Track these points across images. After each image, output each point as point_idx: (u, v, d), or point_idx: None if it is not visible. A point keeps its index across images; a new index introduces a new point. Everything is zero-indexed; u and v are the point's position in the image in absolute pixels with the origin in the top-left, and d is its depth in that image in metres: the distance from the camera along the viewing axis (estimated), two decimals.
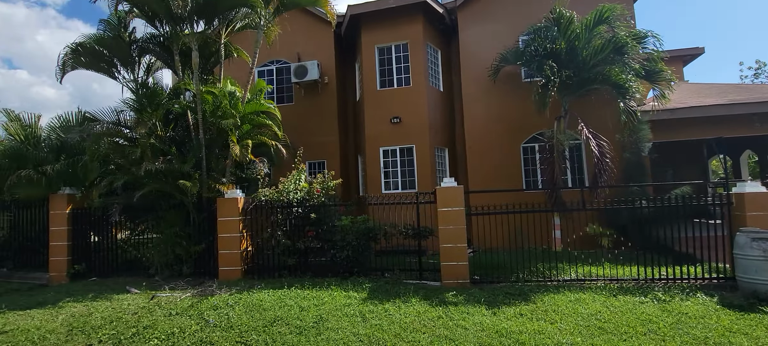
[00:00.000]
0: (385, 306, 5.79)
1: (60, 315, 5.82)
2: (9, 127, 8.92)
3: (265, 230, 8.01)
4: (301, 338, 4.81)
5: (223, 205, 7.96)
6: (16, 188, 8.26)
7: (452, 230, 7.14)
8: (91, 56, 8.58)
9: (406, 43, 11.16)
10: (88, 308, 6.14)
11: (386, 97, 11.20)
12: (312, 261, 8.09)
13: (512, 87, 10.98)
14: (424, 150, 10.82)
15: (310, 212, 7.70)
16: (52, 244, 8.69)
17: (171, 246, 8.01)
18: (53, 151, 8.71)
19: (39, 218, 8.97)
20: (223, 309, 5.75)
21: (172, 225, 8.03)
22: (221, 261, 7.93)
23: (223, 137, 8.44)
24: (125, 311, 5.89)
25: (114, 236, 8.80)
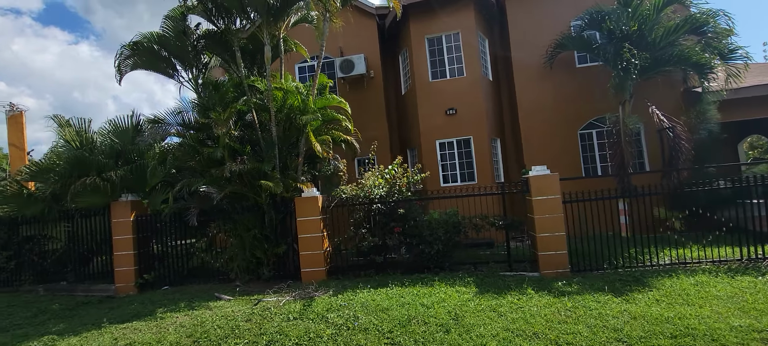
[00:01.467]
0: (507, 300, 5.63)
1: (169, 327, 5.51)
2: (65, 132, 8.46)
3: (348, 228, 7.77)
4: (453, 335, 4.62)
5: (302, 204, 7.69)
6: (80, 196, 7.85)
7: (549, 219, 7.00)
8: (149, 55, 8.20)
9: (458, 33, 10.95)
10: (192, 317, 5.84)
11: (439, 88, 10.99)
12: (393, 258, 7.89)
13: (566, 73, 10.87)
14: (482, 141, 10.65)
15: (396, 207, 7.47)
16: (117, 254, 8.30)
17: (250, 249, 7.71)
18: (112, 157, 8.30)
19: (100, 227, 8.55)
20: (342, 311, 5.52)
21: (250, 228, 7.73)
22: (303, 262, 7.67)
23: (294, 134, 8.15)
24: (236, 318, 5.60)
25: (182, 243, 8.45)
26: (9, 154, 11.79)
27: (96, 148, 8.50)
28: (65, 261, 8.85)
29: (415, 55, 11.10)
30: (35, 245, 8.89)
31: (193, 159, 7.66)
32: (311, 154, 8.32)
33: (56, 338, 5.47)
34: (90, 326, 5.89)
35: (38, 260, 8.86)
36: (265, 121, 8.37)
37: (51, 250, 8.81)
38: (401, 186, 7.56)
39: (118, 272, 8.29)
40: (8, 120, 11.89)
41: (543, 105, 10.93)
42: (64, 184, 7.87)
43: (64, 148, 8.72)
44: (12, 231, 8.89)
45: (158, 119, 7.96)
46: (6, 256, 8.82)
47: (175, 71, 8.55)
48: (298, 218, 7.72)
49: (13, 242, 8.87)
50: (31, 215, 8.61)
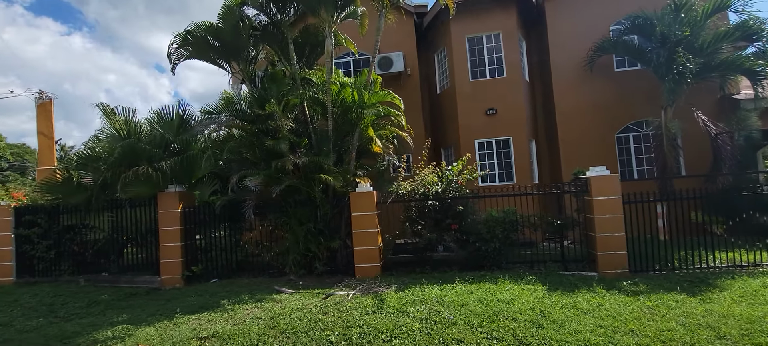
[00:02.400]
0: (583, 297, 5.65)
1: (244, 318, 5.43)
2: (114, 121, 8.32)
3: (403, 224, 7.75)
4: (548, 331, 4.61)
5: (357, 199, 7.65)
6: (130, 185, 7.72)
7: (609, 219, 7.05)
8: (202, 45, 8.11)
9: (499, 34, 11.00)
10: (263, 309, 5.77)
11: (479, 88, 11.03)
12: (446, 255, 7.90)
13: (604, 77, 10.96)
14: (521, 142, 10.70)
15: (454, 204, 7.47)
16: (163, 245, 8.18)
17: (303, 243, 7.64)
18: (161, 147, 8.17)
19: (145, 217, 8.42)
20: (418, 306, 5.49)
21: (304, 222, 7.66)
22: (357, 258, 7.63)
23: (347, 129, 8.11)
24: (310, 311, 5.55)
25: (229, 236, 8.35)
26: (38, 142, 11.58)
27: (143, 138, 8.35)
28: (106, 252, 8.70)
29: (455, 54, 11.12)
30: (76, 235, 8.72)
31: (249, 151, 7.58)
32: (363, 149, 8.29)
33: (131, 328, 5.37)
34: (159, 317, 5.78)
35: (79, 250, 8.69)
36: (315, 115, 8.32)
37: (92, 240, 8.64)
38: (459, 183, 7.55)
39: (164, 263, 8.17)
40: (37, 108, 11.68)
41: (580, 108, 11.01)
42: (115, 173, 7.73)
43: (108, 136, 8.56)
44: (52, 220, 8.71)
45: (210, 110, 7.86)
46: (46, 245, 8.64)
47: (226, 62, 8.45)
48: (353, 213, 7.67)
49: (53, 232, 8.70)
50: (75, 204, 8.45)
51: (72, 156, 8.20)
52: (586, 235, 7.48)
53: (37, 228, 8.63)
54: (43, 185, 8.10)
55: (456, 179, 7.57)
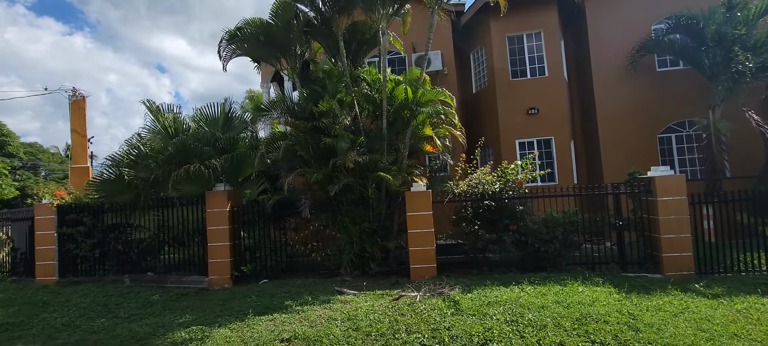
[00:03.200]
0: (664, 300, 5.53)
1: (320, 320, 5.29)
2: (164, 119, 8.18)
3: (459, 224, 7.61)
4: (648, 334, 4.47)
5: (412, 199, 7.51)
6: (181, 183, 7.59)
7: (674, 220, 6.92)
8: (252, 42, 7.99)
9: (540, 32, 10.89)
10: (334, 311, 5.62)
11: (519, 87, 10.91)
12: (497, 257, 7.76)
13: (646, 77, 10.84)
14: (563, 142, 10.57)
15: (512, 204, 7.34)
16: (211, 245, 8.03)
17: (358, 243, 7.50)
18: (209, 145, 8.03)
19: (191, 216, 8.27)
20: (495, 307, 5.34)
21: (358, 221, 7.52)
22: (412, 258, 7.48)
23: (399, 127, 7.98)
24: (385, 312, 5.40)
25: (280, 235, 8.21)
26: (71, 140, 11.44)
27: (191, 135, 8.21)
28: (150, 251, 8.56)
29: (496, 53, 11.00)
30: (120, 234, 8.57)
31: (303, 149, 7.44)
32: (412, 148, 8.15)
33: (205, 329, 5.22)
34: (228, 318, 5.63)
35: (123, 249, 8.54)
36: (363, 112, 8.18)
37: (136, 239, 8.50)
38: (518, 183, 7.41)
39: (211, 263, 8.01)
40: (71, 106, 11.55)
41: (621, 108, 10.88)
42: (166, 170, 7.59)
43: (153, 134, 8.43)
44: (96, 219, 8.57)
45: (262, 107, 7.72)
46: (90, 244, 8.49)
47: (275, 59, 8.32)
48: (408, 213, 7.53)
49: (97, 230, 8.55)
50: (122, 202, 8.31)
51: (121, 154, 8.02)
52: (648, 236, 7.33)
53: (82, 227, 8.48)
54: (94, 182, 7.95)
55: (515, 178, 7.42)
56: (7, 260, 9.49)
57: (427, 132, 7.37)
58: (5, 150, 26.91)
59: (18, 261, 9.16)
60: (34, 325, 5.88)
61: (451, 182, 7.69)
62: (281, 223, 8.42)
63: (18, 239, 9.28)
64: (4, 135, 27.26)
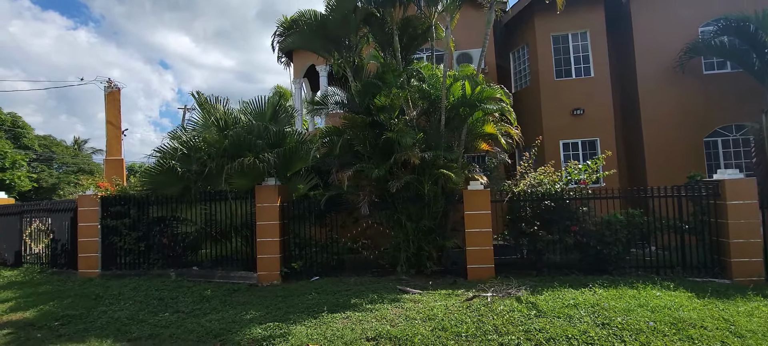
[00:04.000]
0: (750, 306, 5.36)
1: (398, 319, 5.11)
2: (215, 112, 8.01)
3: (517, 224, 7.44)
4: (755, 341, 4.29)
5: (471, 197, 7.35)
6: (235, 177, 7.43)
7: (744, 225, 6.73)
8: (307, 34, 7.84)
9: (586, 32, 10.72)
10: (407, 310, 5.45)
11: (564, 87, 10.74)
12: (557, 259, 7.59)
13: (692, 80, 10.66)
14: (608, 143, 10.39)
15: (574, 205, 7.17)
16: (261, 240, 7.87)
17: (415, 241, 7.34)
18: (261, 138, 7.87)
19: (240, 210, 8.10)
20: (577, 310, 5.16)
21: (416, 219, 7.36)
22: (470, 258, 7.31)
23: (455, 124, 7.81)
24: (463, 312, 5.23)
25: (331, 232, 8.05)
26: (106, 132, 11.30)
27: (244, 128, 8.03)
28: (197, 245, 8.40)
29: (540, 52, 10.84)
30: (165, 228, 8.41)
31: (360, 144, 7.28)
32: (469, 146, 7.99)
33: (280, 325, 5.05)
34: (300, 315, 5.46)
35: (168, 242, 8.38)
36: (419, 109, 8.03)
37: (182, 233, 8.33)
38: (582, 183, 7.24)
39: (260, 259, 7.85)
40: (106, 97, 11.42)
41: (666, 111, 10.71)
42: (219, 163, 7.44)
43: (202, 127, 8.28)
44: (141, 211, 8.41)
45: (317, 102, 7.57)
46: (135, 237, 8.33)
47: (329, 52, 8.16)
48: (466, 212, 7.37)
49: (142, 223, 8.39)
50: (170, 195, 8.15)
51: (173, 146, 7.86)
52: (715, 241, 7.13)
53: (127, 219, 8.32)
54: (148, 173, 7.76)
55: (579, 178, 7.25)
56: (46, 252, 9.33)
57: (489, 129, 7.21)
58: (20, 142, 26.77)
59: (58, 253, 9.01)
60: (97, 318, 5.71)
61: (508, 181, 7.50)
62: (329, 219, 8.28)
63: (58, 231, 9.12)
64: (19, 127, 27.13)
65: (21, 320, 5.79)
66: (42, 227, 9.44)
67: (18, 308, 6.36)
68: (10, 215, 9.54)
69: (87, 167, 31.42)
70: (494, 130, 7.21)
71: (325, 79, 12.59)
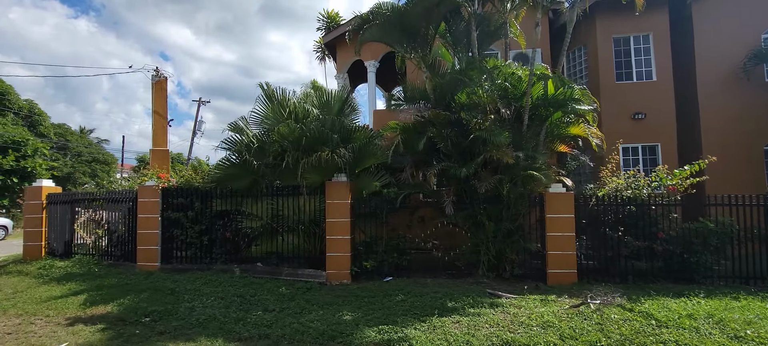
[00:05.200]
0: None
1: (518, 328, 4.90)
2: (288, 104, 7.76)
3: (597, 229, 7.25)
4: None
5: (552, 200, 7.15)
6: (309, 172, 7.20)
7: None
8: (386, 27, 7.62)
9: (649, 35, 10.53)
10: (511, 315, 5.25)
11: (624, 91, 10.55)
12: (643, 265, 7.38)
13: (754, 87, 10.50)
14: (669, 149, 10.24)
15: (665, 211, 6.98)
16: (330, 238, 7.64)
17: (494, 244, 7.13)
18: (336, 132, 7.64)
19: (308, 207, 7.86)
20: (698, 322, 4.97)
21: (496, 220, 7.15)
22: (551, 263, 7.12)
23: (536, 124, 7.60)
24: (585, 323, 5.01)
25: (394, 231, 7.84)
26: (153, 122, 11.02)
27: (319, 122, 7.78)
28: (259, 241, 8.16)
29: (600, 54, 10.64)
30: (229, 222, 8.17)
31: (443, 142, 7.06)
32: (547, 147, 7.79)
33: (394, 328, 4.83)
34: (405, 318, 5.23)
35: (231, 237, 8.14)
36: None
37: (246, 228, 8.09)
38: (671, 189, 7.05)
39: (330, 257, 7.63)
40: (154, 86, 11.14)
41: (726, 117, 10.54)
42: (294, 157, 7.21)
43: (271, 120, 8.03)
44: (204, 205, 8.17)
45: (398, 97, 7.33)
46: (198, 230, 8.10)
47: (403, 46, 7.94)
48: (547, 215, 7.18)
49: (204, 217, 8.15)
50: (237, 188, 7.91)
51: (244, 138, 7.61)
52: None
53: (191, 212, 8.08)
54: (221, 165, 7.49)
55: (668, 184, 7.06)
56: (99, 243, 9.06)
57: (576, 131, 7.01)
58: (37, 130, 26.41)
59: (114, 244, 8.75)
60: (187, 314, 5.47)
61: (591, 184, 7.31)
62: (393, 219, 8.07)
63: (114, 221, 8.87)
64: (36, 114, 26.77)
65: (107, 315, 5.55)
66: (95, 217, 9.17)
67: (94, 302, 6.11)
68: (61, 204, 9.26)
69: (101, 157, 31.06)
70: (583, 131, 7.00)
71: (374, 75, 12.36)
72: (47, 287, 7.04)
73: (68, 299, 6.24)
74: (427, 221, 8.42)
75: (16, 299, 6.39)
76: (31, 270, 8.32)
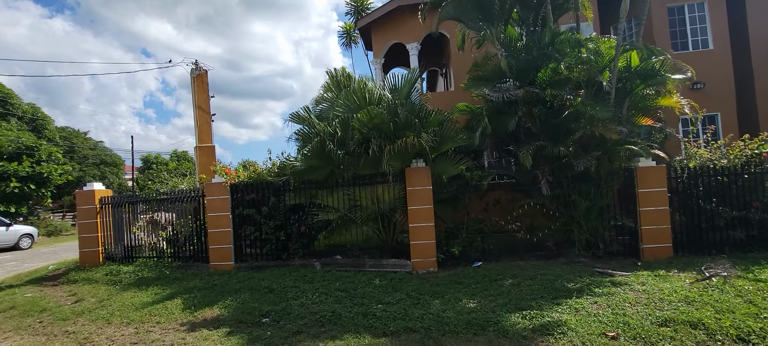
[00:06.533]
0: None
1: (674, 303, 4.78)
2: (362, 89, 7.45)
3: (691, 201, 7.14)
4: None
5: (644, 174, 7.02)
6: (394, 159, 6.96)
7: None
8: (463, 4, 7.30)
9: (704, 3, 10.34)
10: (647, 294, 5.12)
11: (680, 61, 10.35)
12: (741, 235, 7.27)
13: None
14: (730, 119, 10.15)
15: (761, 179, 6.88)
16: (413, 225, 7.45)
17: (586, 222, 7.00)
18: (417, 117, 7.38)
19: (386, 195, 7.64)
20: None
21: (589, 198, 7.00)
22: (645, 238, 7.02)
23: (620, 97, 7.41)
24: (725, 296, 4.89)
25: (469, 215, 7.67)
26: (197, 118, 10.60)
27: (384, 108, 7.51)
28: (330, 233, 7.95)
29: (655, 24, 10.45)
30: (304, 215, 7.92)
31: (531, 120, 6.85)
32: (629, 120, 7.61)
33: (540, 313, 4.67)
34: (540, 302, 5.05)
35: (306, 231, 7.90)
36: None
37: (322, 220, 7.84)
38: (764, 157, 6.94)
39: (415, 245, 7.45)
40: (195, 80, 10.71)
41: None
42: (378, 144, 6.96)
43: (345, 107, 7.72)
44: (278, 199, 7.90)
45: (481, 76, 7.06)
46: (273, 226, 7.84)
47: (476, 23, 7.65)
48: (639, 189, 7.04)
49: (278, 212, 7.89)
50: (314, 180, 7.65)
51: (333, 128, 7.31)
52: None
53: (264, 207, 7.81)
54: (306, 156, 7.16)
55: (764, 151, 6.95)
56: (161, 246, 8.76)
57: (669, 102, 6.83)
58: (42, 134, 25.59)
59: (181, 245, 8.46)
60: (305, 313, 5.25)
61: (678, 156, 7.18)
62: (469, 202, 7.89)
63: (177, 223, 8.56)
64: (40, 118, 25.92)
65: (220, 318, 5.31)
66: (156, 219, 8.84)
67: (196, 306, 5.86)
68: (119, 206, 8.92)
69: (108, 159, 30.32)
70: (677, 102, 6.82)
71: (416, 57, 12.04)
72: (131, 293, 6.77)
73: (165, 305, 5.98)
74: (503, 204, 8.27)
75: (108, 307, 6.11)
76: (98, 277, 8.02)
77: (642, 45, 7.14)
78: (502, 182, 8.37)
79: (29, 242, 16.02)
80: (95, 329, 5.24)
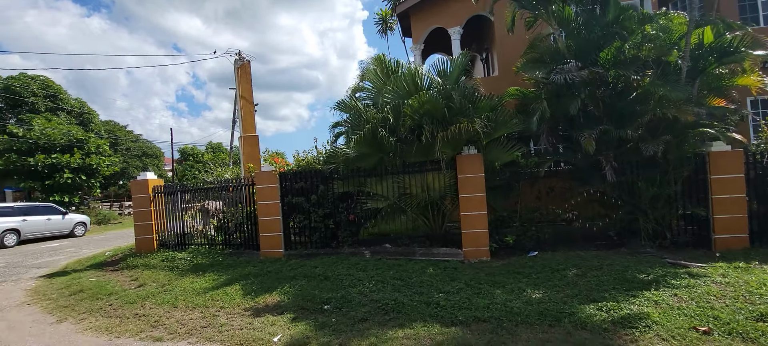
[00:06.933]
0: None
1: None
2: (411, 74, 7.29)
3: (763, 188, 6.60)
4: None
5: (718, 160, 6.52)
6: (446, 146, 6.78)
7: None
8: None
9: None
10: (736, 287, 4.75)
11: None
12: None
13: None
14: None
15: None
16: (465, 214, 7.25)
17: (652, 211, 6.60)
18: (471, 102, 7.15)
19: (437, 183, 7.47)
20: None
21: (657, 185, 6.59)
22: (719, 228, 6.55)
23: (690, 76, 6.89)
24: None
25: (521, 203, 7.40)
26: (241, 108, 10.76)
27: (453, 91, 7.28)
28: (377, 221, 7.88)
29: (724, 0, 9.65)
30: (352, 204, 7.89)
31: (594, 103, 6.48)
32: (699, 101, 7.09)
33: (614, 305, 4.42)
34: (612, 293, 4.81)
35: (355, 219, 7.87)
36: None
37: (371, 208, 7.78)
38: None
39: (466, 234, 7.26)
40: (238, 70, 10.83)
41: None
42: (431, 131, 6.78)
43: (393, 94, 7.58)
44: (327, 187, 7.89)
45: (539, 58, 6.73)
46: (322, 214, 7.85)
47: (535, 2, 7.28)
48: (712, 176, 6.56)
49: (327, 200, 7.88)
50: (365, 167, 7.58)
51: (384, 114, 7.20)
52: None
53: (313, 195, 7.82)
54: (357, 143, 7.11)
55: None
56: (213, 232, 8.97)
57: (747, 82, 6.28)
58: (89, 127, 26.87)
59: (232, 233, 8.63)
60: (365, 301, 5.20)
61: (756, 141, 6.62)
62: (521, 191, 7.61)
63: (228, 211, 8.73)
64: (86, 112, 27.20)
65: (282, 304, 5.35)
66: (207, 207, 9.05)
67: (255, 292, 5.93)
68: (171, 195, 9.18)
69: (150, 151, 31.56)
70: (757, 80, 6.27)
71: (458, 42, 11.71)
72: (190, 279, 6.95)
73: (225, 290, 6.10)
74: (557, 192, 7.95)
75: (171, 292, 6.29)
76: (155, 263, 8.30)
77: (719, 19, 6.57)
78: (557, 169, 8.03)
79: (83, 229, 16.90)
80: (163, 312, 5.39)
